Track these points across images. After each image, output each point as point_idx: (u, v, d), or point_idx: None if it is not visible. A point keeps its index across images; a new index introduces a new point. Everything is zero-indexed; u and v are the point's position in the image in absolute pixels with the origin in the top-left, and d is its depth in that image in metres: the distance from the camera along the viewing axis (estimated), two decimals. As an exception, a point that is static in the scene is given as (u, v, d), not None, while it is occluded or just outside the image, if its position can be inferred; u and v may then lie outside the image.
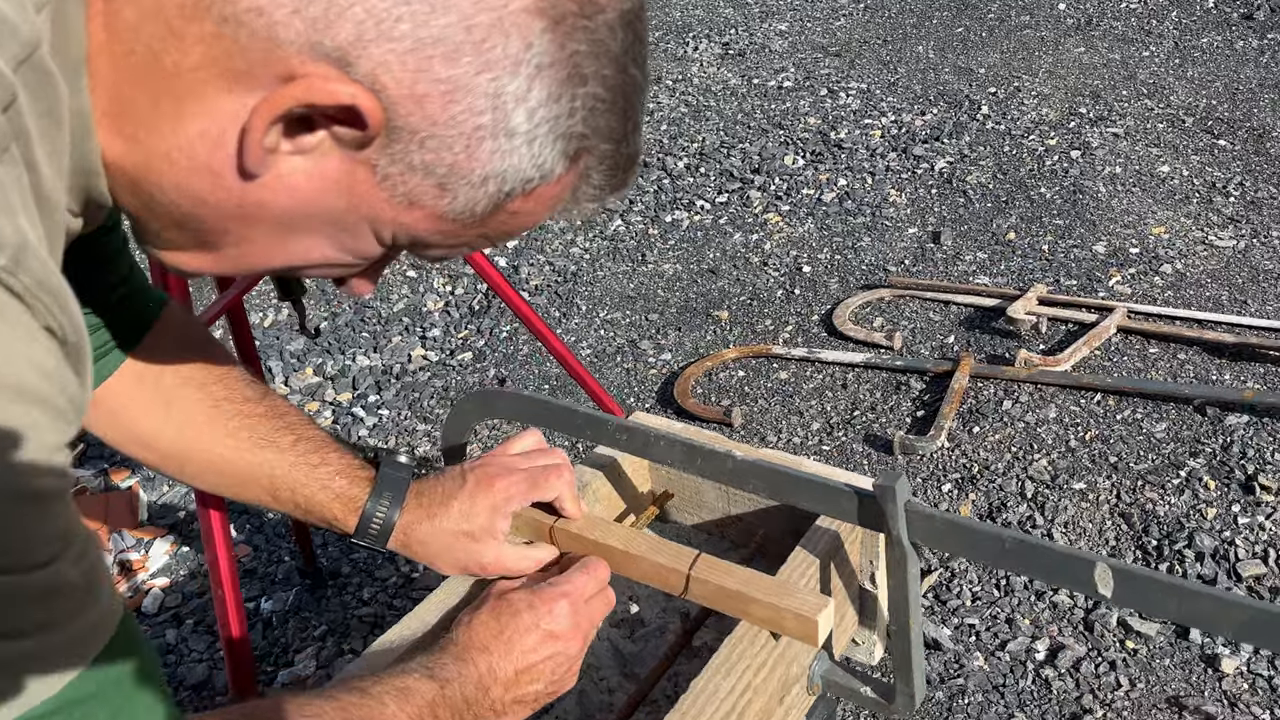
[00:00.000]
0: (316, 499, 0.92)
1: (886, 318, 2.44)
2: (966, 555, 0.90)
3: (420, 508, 0.95)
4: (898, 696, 1.03)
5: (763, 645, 0.96)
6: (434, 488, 0.97)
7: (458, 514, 0.95)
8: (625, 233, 3.07)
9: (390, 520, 0.93)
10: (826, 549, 1.06)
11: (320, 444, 0.93)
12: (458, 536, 0.95)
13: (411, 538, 0.95)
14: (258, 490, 0.92)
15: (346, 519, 0.93)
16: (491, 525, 0.96)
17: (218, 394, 0.90)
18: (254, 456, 0.90)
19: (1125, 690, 1.58)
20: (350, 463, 0.94)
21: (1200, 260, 2.43)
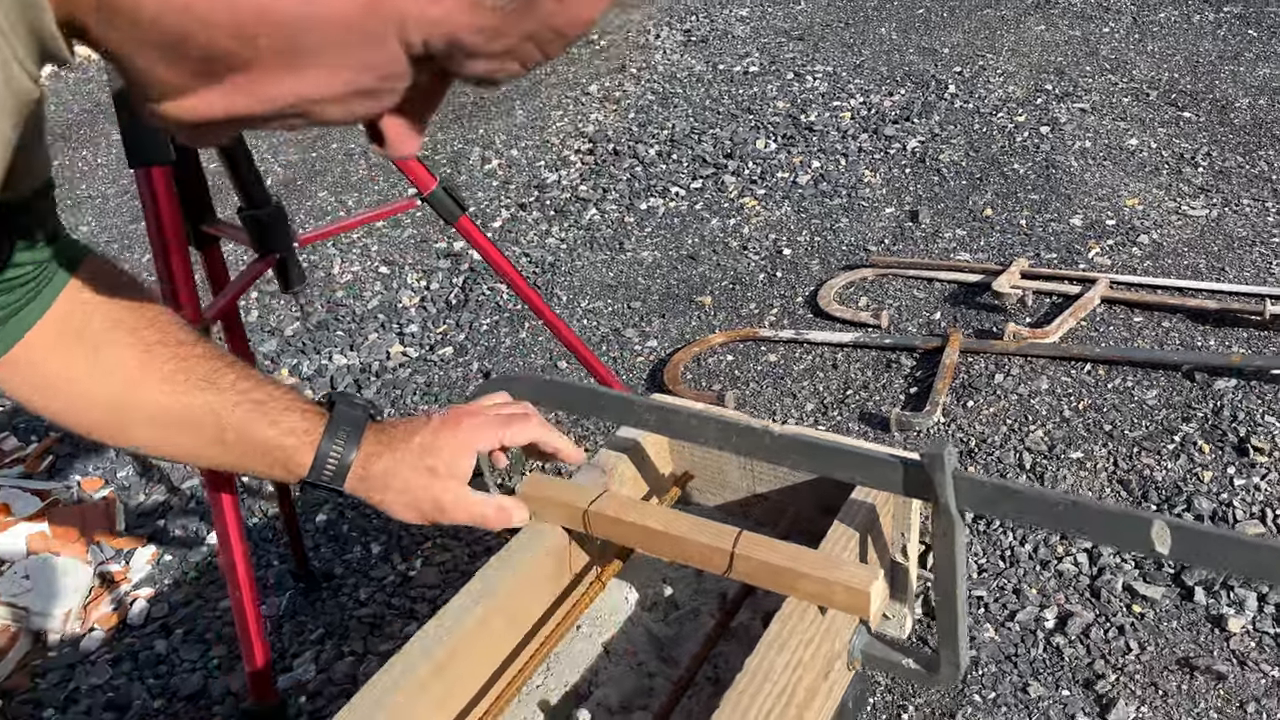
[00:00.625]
0: (265, 436, 0.85)
1: (871, 297, 2.44)
2: (1016, 519, 0.89)
3: (379, 443, 0.89)
4: (942, 666, 1.02)
5: (812, 620, 0.95)
6: (394, 426, 0.92)
7: (419, 448, 0.90)
8: (601, 221, 3.05)
9: (347, 458, 0.87)
10: (865, 522, 1.05)
11: (264, 381, 0.88)
12: (418, 471, 0.90)
13: (370, 472, 0.89)
14: (202, 438, 0.85)
15: (300, 455, 0.87)
16: (455, 463, 0.91)
17: (149, 338, 0.84)
18: (193, 399, 0.84)
19: (1136, 654, 1.59)
20: (299, 400, 0.89)
21: (1175, 230, 2.46)
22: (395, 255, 3.13)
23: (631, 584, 1.16)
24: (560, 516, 1.06)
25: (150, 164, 1.07)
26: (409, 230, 3.25)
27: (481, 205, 3.29)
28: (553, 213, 3.15)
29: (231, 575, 1.12)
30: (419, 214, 3.33)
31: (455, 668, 0.95)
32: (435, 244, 3.14)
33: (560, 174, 3.36)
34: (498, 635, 1.00)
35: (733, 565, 0.97)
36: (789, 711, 0.92)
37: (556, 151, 3.53)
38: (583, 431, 2.24)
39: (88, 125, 4.79)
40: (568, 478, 1.11)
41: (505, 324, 2.70)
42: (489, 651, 0.99)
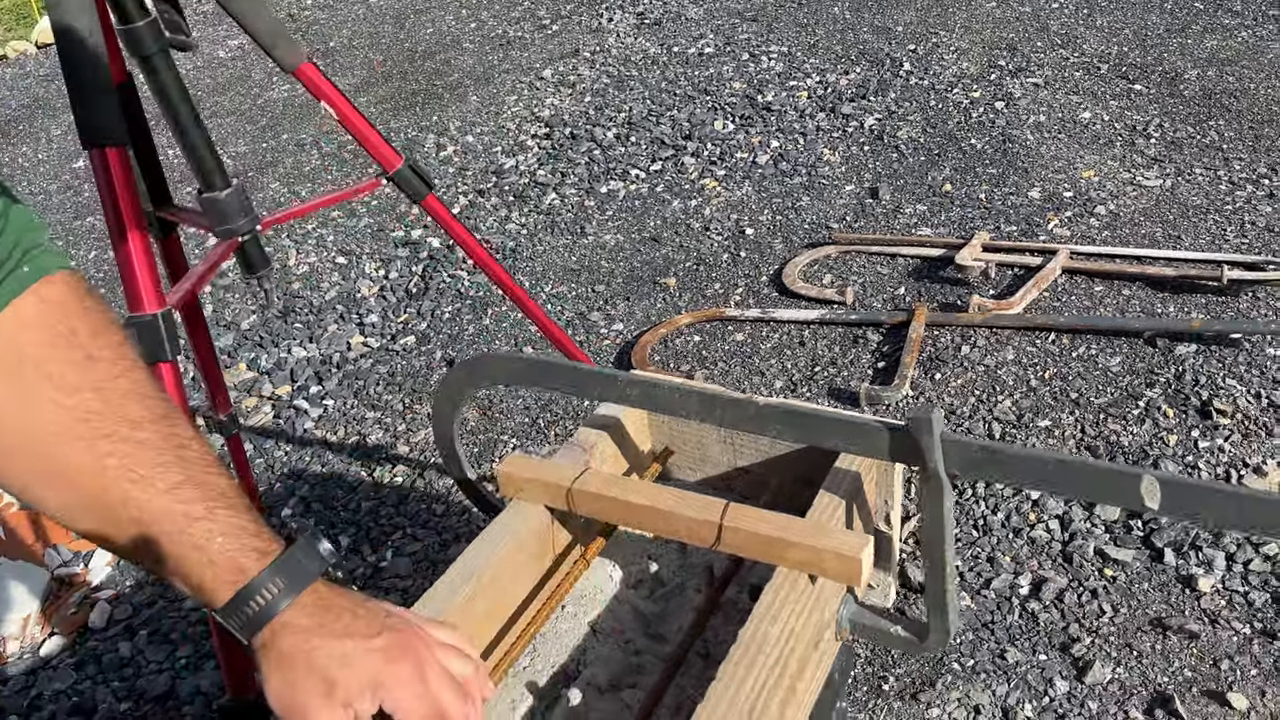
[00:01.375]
0: (182, 556, 0.71)
1: (835, 274, 2.44)
2: (1006, 481, 0.89)
3: (313, 613, 0.73)
4: (931, 633, 1.02)
5: (803, 590, 0.94)
6: (340, 602, 0.76)
7: (338, 656, 0.73)
8: (560, 206, 3.02)
9: (273, 609, 0.72)
10: (850, 490, 1.04)
11: (215, 496, 0.72)
12: (314, 681, 0.72)
13: (279, 639, 0.72)
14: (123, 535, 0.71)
15: (217, 588, 0.72)
16: (357, 692, 0.73)
17: (89, 405, 0.69)
18: (121, 493, 0.70)
19: (1109, 616, 1.61)
20: (244, 525, 0.73)
21: (1131, 200, 2.49)
22: (352, 245, 3.08)
23: (615, 562, 1.15)
24: (543, 495, 1.04)
25: (104, 145, 1.03)
26: (365, 220, 3.19)
27: (439, 193, 3.24)
28: (511, 198, 3.11)
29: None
30: (374, 203, 3.28)
31: (442, 651, 0.92)
32: (393, 233, 3.09)
33: (518, 159, 3.32)
34: (483, 617, 0.98)
35: (721, 537, 0.95)
36: (783, 682, 0.92)
37: (513, 137, 3.49)
38: (551, 417, 2.22)
39: (25, 120, 4.65)
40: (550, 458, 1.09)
41: (468, 311, 2.67)
42: (475, 634, 0.97)
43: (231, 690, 1.11)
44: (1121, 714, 1.47)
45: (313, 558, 0.75)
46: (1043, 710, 1.49)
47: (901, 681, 1.57)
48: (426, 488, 2.14)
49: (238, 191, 1.19)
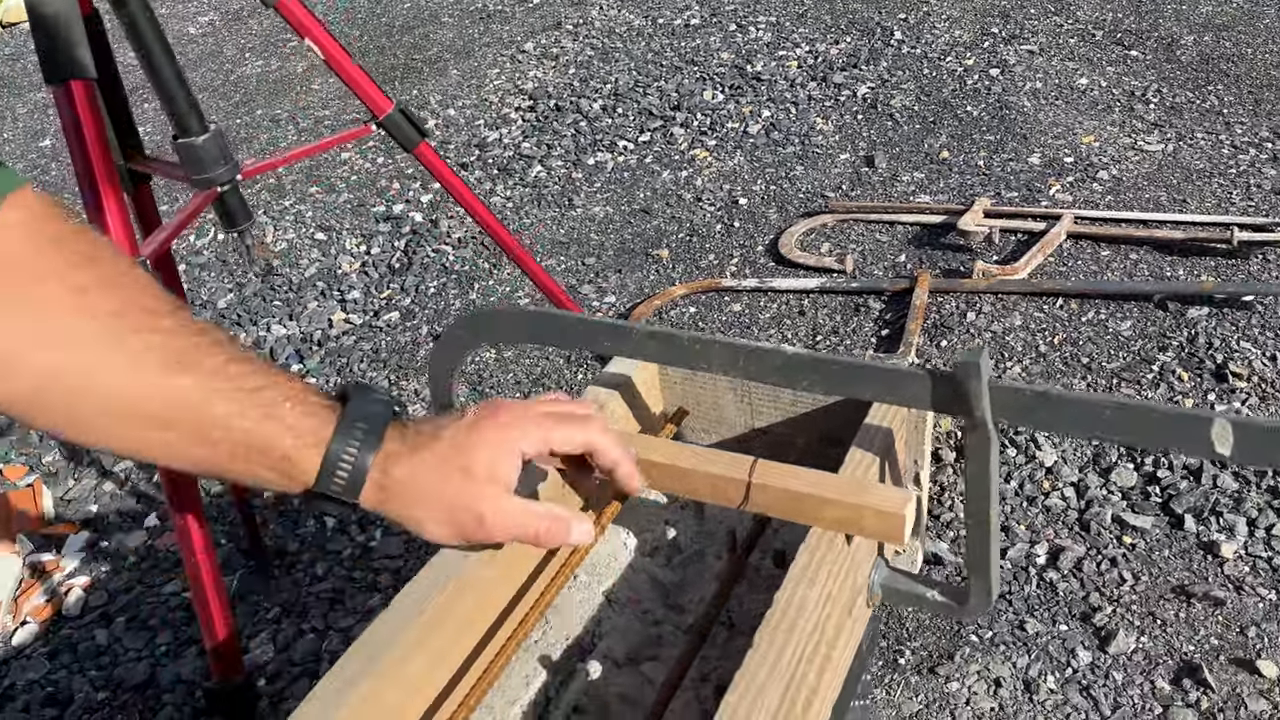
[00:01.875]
0: (260, 432, 0.66)
1: (833, 242, 2.38)
2: (1060, 428, 0.82)
3: (401, 441, 0.72)
4: (972, 596, 0.95)
5: (839, 551, 0.87)
6: (420, 424, 0.75)
7: (449, 446, 0.72)
8: (547, 178, 2.93)
9: (363, 463, 0.69)
10: (882, 447, 0.97)
11: (260, 365, 0.69)
12: (448, 475, 0.72)
13: (391, 479, 0.71)
14: (177, 434, 0.65)
15: (302, 459, 0.68)
16: (495, 466, 0.73)
17: (105, 303, 0.63)
18: (166, 383, 0.64)
19: (1130, 585, 1.56)
20: (304, 389, 0.71)
21: (1133, 165, 2.44)
22: (331, 221, 2.99)
23: (629, 529, 1.08)
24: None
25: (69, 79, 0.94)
26: (344, 195, 3.10)
27: (420, 168, 3.15)
28: (496, 171, 3.03)
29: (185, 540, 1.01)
30: (354, 178, 3.18)
31: (450, 621, 0.85)
32: (373, 208, 2.99)
33: (501, 132, 3.23)
34: (492, 587, 0.90)
35: (749, 496, 0.88)
36: (820, 650, 0.85)
37: (496, 110, 3.40)
38: (544, 390, 2.14)
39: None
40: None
41: (453, 286, 2.58)
42: (484, 605, 0.89)
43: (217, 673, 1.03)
44: (1148, 684, 1.42)
45: (374, 400, 0.72)
46: (1066, 681, 1.44)
47: (918, 655, 1.51)
48: (415, 465, 2.05)
49: (216, 136, 1.10)
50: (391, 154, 3.24)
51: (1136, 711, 1.38)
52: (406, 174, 3.11)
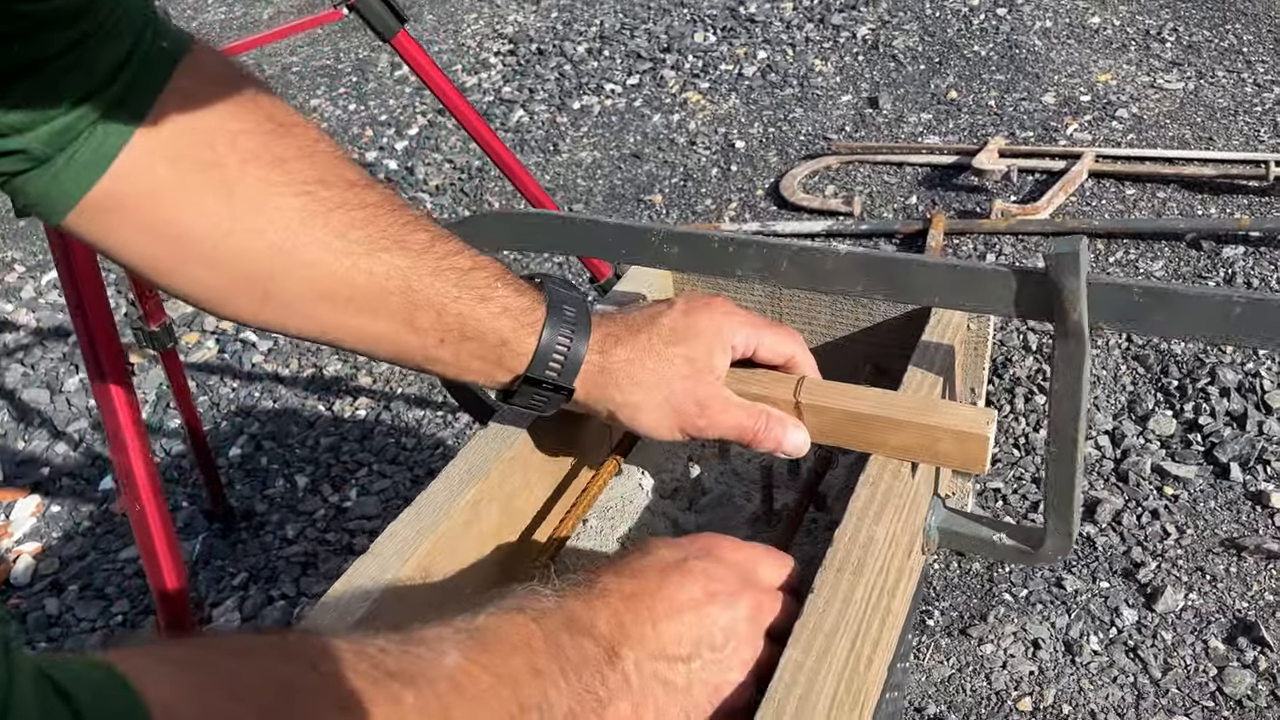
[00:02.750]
0: (475, 316, 0.60)
1: (839, 185, 2.24)
2: (1176, 332, 0.68)
3: (611, 327, 0.66)
4: (1049, 538, 0.82)
5: (904, 484, 0.73)
6: (623, 313, 0.68)
7: (668, 332, 0.66)
8: (530, 123, 2.77)
9: (580, 345, 0.63)
10: (943, 367, 0.83)
11: (460, 242, 0.63)
12: (671, 360, 0.65)
13: (611, 360, 0.64)
14: (387, 318, 0.59)
15: (520, 343, 0.62)
16: (713, 355, 0.67)
17: (305, 176, 0.56)
18: (376, 264, 0.58)
19: (1175, 538, 1.43)
20: (504, 269, 0.64)
21: (1154, 103, 2.31)
22: (301, 169, 2.81)
23: (645, 467, 0.93)
24: (561, 378, 0.82)
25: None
26: (315, 142, 2.92)
27: (395, 113, 2.98)
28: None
29: (130, 483, 0.86)
30: (325, 125, 3.00)
31: (441, 568, 0.71)
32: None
33: (480, 77, 3.06)
34: (492, 528, 0.76)
35: (805, 421, 0.74)
36: (883, 600, 0.72)
37: (474, 54, 3.23)
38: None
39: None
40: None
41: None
42: (482, 549, 0.75)
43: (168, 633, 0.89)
44: (1200, 643, 1.30)
45: (569, 286, 0.67)
46: (1110, 642, 1.32)
47: (948, 615, 1.38)
48: (394, 421, 1.91)
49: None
50: (364, 100, 3.06)
51: (1189, 673, 1.27)
52: (380, 120, 2.94)
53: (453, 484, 0.74)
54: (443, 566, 0.72)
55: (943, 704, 1.27)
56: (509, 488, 0.78)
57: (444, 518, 0.71)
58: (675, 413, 0.65)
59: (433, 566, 0.71)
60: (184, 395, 1.51)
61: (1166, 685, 1.26)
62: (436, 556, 0.71)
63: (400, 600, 0.68)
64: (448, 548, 0.71)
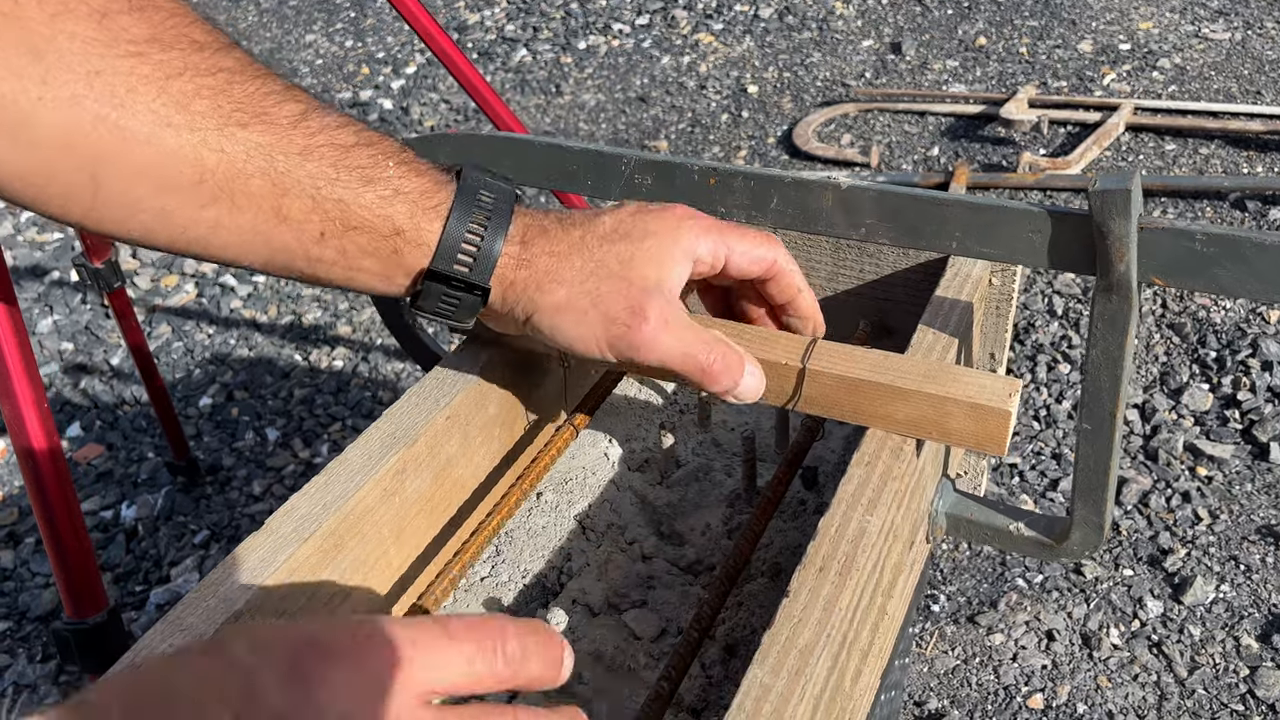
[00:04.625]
0: (360, 202, 0.49)
1: (856, 134, 2.09)
2: (1247, 291, 0.55)
3: (539, 220, 0.54)
4: (1075, 529, 0.70)
5: (907, 465, 0.61)
6: (560, 213, 0.56)
7: (611, 229, 0.54)
8: (532, 63, 2.63)
9: (494, 239, 0.51)
10: (959, 327, 0.71)
11: (345, 116, 0.51)
12: (605, 261, 0.53)
13: (533, 254, 0.52)
14: (248, 206, 0.48)
15: (418, 232, 0.50)
16: (664, 264, 0.53)
17: (134, 33, 0.44)
18: (230, 141, 0.46)
19: (1207, 524, 1.31)
20: (402, 147, 0.52)
21: (1198, 54, 2.15)
22: (292, 107, 2.68)
23: (611, 435, 0.82)
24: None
25: None
26: (308, 79, 2.79)
27: (392, 51, 2.84)
28: (476, 56, 2.72)
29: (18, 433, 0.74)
30: (319, 62, 2.86)
31: (351, 551, 0.60)
32: (339, 94, 2.69)
33: (484, 14, 2.91)
34: (419, 504, 0.65)
35: (800, 389, 0.62)
36: (875, 601, 0.60)
37: (479, -9, 3.08)
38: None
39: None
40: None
41: (425, 176, 2.30)
42: (406, 527, 0.64)
43: (71, 610, 0.78)
44: (1231, 640, 1.19)
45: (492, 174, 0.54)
46: (1132, 636, 1.20)
47: (955, 601, 1.27)
48: (371, 373, 1.80)
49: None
50: (361, 36, 2.92)
51: (1218, 673, 1.15)
52: (376, 58, 2.80)
53: (372, 449, 0.63)
54: (353, 547, 0.60)
55: (945, 698, 1.16)
56: (444, 454, 0.67)
57: (357, 489, 0.60)
58: (603, 320, 0.53)
59: (340, 547, 0.60)
60: (136, 338, 1.40)
61: (1193, 685, 1.14)
62: (345, 535, 0.60)
63: (295, 587, 0.57)
64: (359, 525, 0.60)
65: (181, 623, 0.53)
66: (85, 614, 0.80)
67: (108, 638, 0.80)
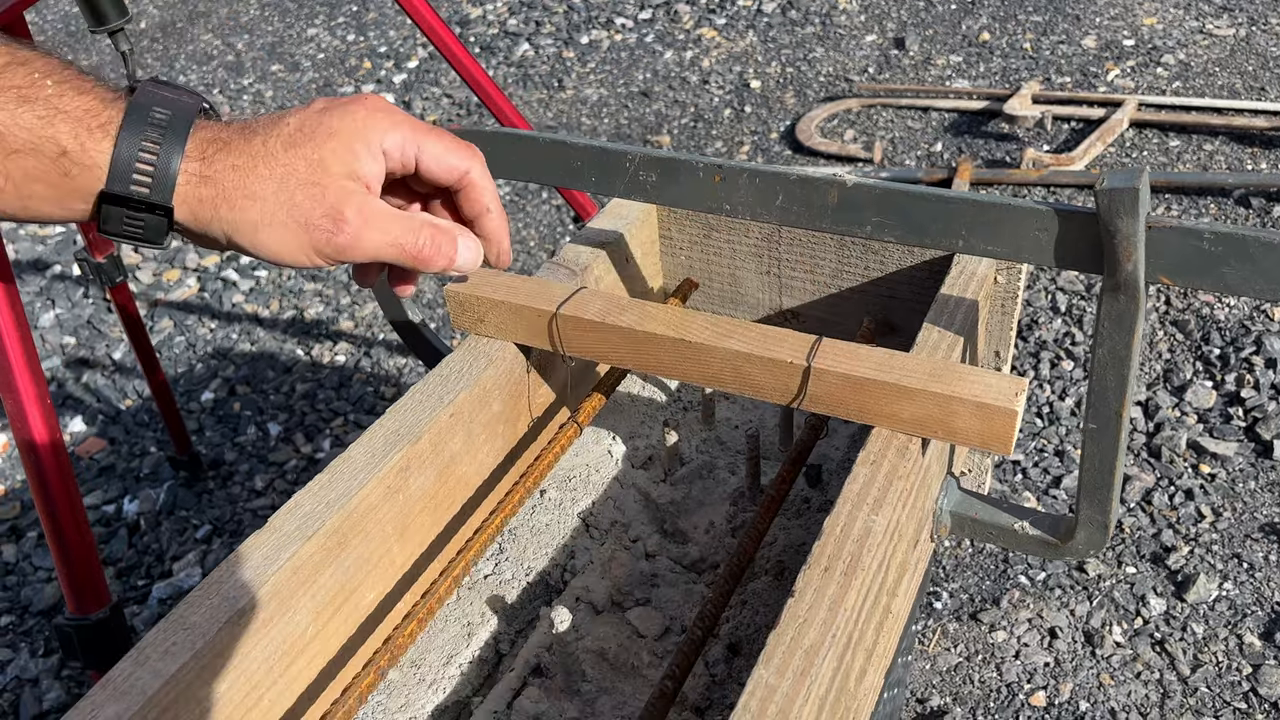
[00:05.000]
0: (19, 122, 0.47)
1: (859, 129, 2.09)
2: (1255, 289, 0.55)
3: (218, 132, 0.51)
4: (1080, 529, 0.70)
5: (912, 464, 0.61)
6: (243, 122, 0.54)
7: (296, 130, 0.52)
8: (535, 58, 2.62)
9: (170, 155, 0.49)
10: (964, 325, 0.71)
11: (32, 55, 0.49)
12: (293, 165, 0.52)
13: (216, 169, 0.50)
14: None
15: (85, 152, 0.48)
16: (356, 158, 0.53)
17: None
18: None
19: (1210, 521, 1.31)
20: (64, 64, 0.50)
21: (1202, 50, 2.14)
22: (295, 101, 2.67)
23: (615, 432, 0.82)
24: (515, 326, 0.70)
25: None
26: (310, 74, 2.78)
27: (395, 45, 2.83)
28: (478, 50, 2.71)
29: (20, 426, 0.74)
30: (321, 56, 2.85)
31: (355, 548, 0.59)
32: (341, 88, 2.68)
33: (485, 8, 2.90)
34: (424, 500, 0.65)
35: (806, 388, 0.62)
36: (880, 601, 0.60)
37: (481, -15, 3.07)
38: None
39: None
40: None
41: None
42: (410, 524, 0.64)
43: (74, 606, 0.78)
44: (1234, 638, 1.18)
45: (173, 88, 0.51)
46: (1135, 634, 1.20)
47: (958, 598, 1.27)
48: (374, 368, 1.79)
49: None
50: (363, 30, 2.92)
51: (1221, 671, 1.15)
52: (378, 52, 2.79)
53: (375, 447, 0.63)
54: (357, 545, 0.60)
55: (947, 695, 1.16)
56: (448, 451, 0.67)
57: (360, 487, 0.60)
58: (303, 229, 0.52)
59: (344, 544, 0.60)
60: (138, 332, 1.39)
61: (1195, 683, 1.14)
62: (348, 533, 0.60)
63: (301, 585, 0.57)
64: (362, 522, 0.60)
65: (185, 621, 0.53)
66: (88, 610, 0.80)
67: (110, 634, 0.80)
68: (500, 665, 0.67)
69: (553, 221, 2.02)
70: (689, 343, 0.65)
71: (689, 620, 0.69)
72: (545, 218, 2.03)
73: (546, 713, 0.63)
